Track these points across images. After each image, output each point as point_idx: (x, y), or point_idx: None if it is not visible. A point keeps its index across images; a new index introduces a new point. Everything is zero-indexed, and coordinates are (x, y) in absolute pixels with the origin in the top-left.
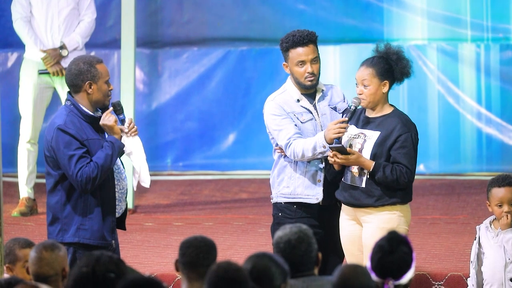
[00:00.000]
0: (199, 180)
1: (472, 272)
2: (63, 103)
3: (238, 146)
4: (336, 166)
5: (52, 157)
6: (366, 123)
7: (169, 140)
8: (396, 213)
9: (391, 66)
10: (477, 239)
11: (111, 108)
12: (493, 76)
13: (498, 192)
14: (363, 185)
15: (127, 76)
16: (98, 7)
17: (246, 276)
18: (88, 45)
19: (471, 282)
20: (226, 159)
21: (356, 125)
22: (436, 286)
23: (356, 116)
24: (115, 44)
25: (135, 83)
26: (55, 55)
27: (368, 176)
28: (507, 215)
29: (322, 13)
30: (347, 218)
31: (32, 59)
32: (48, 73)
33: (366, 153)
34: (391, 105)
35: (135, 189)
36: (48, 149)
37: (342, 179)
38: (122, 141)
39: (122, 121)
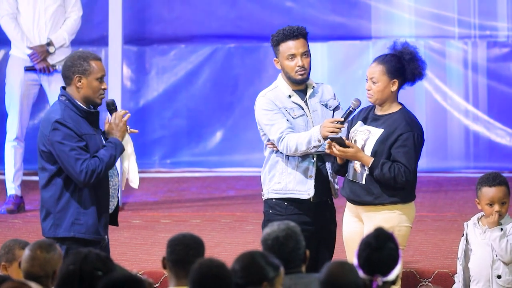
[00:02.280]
0: (186, 178)
1: (459, 268)
2: (50, 100)
3: (226, 144)
4: (338, 160)
5: (48, 152)
6: (373, 120)
7: (157, 137)
8: (396, 212)
9: (403, 66)
10: (464, 235)
11: (127, 115)
12: (481, 73)
13: (489, 192)
14: (363, 181)
15: (114, 73)
16: (86, 4)
17: (229, 272)
18: (75, 42)
19: (458, 278)
20: (214, 157)
21: (364, 122)
22: (423, 283)
23: (365, 113)
24: (102, 41)
25: (123, 80)
26: (42, 52)
27: (367, 173)
28: (496, 214)
29: (310, 11)
30: (350, 215)
31: (19, 56)
32: (34, 70)
33: (368, 150)
34: (400, 104)
35: (123, 188)
36: (45, 143)
37: (346, 175)
38: None
39: None
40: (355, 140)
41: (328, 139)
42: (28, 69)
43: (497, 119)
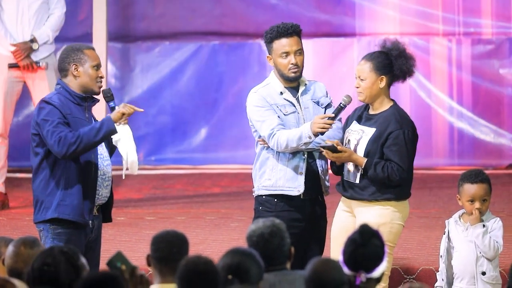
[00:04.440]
0: (171, 174)
1: (442, 266)
2: (33, 97)
3: (210, 141)
4: (337, 162)
5: (37, 134)
6: (366, 120)
7: (141, 134)
8: (389, 209)
9: (391, 62)
10: (446, 233)
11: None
12: (465, 70)
13: (470, 189)
14: (357, 181)
15: None
16: (70, 1)
17: (216, 268)
18: (60, 39)
19: (441, 276)
20: (199, 154)
21: (358, 122)
22: (407, 279)
23: (359, 112)
24: (87, 38)
25: (107, 78)
26: (25, 49)
27: (362, 172)
28: (476, 211)
29: (295, 7)
30: (343, 209)
31: (2, 53)
32: (18, 66)
33: (361, 149)
34: (391, 101)
35: (123, 177)
36: (34, 125)
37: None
38: None
39: (112, 109)
40: (349, 140)
41: (320, 148)
42: (11, 66)
43: (482, 116)
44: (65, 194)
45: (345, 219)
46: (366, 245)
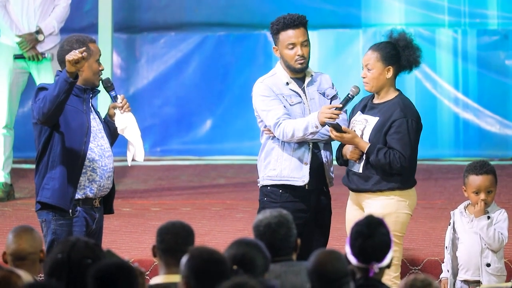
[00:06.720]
0: (176, 166)
1: (447, 257)
2: None
3: (216, 132)
4: (343, 155)
5: (35, 122)
6: (370, 109)
7: (147, 125)
8: (394, 198)
9: (398, 52)
10: (451, 224)
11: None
12: (470, 61)
13: (476, 180)
14: (360, 170)
15: (104, 61)
16: None
17: (223, 257)
18: (65, 30)
19: (446, 267)
20: (204, 145)
21: (362, 111)
22: (413, 271)
23: (365, 102)
24: (93, 29)
25: (113, 68)
26: (31, 40)
27: (364, 158)
28: (481, 202)
29: None
30: (351, 203)
31: (8, 43)
32: (23, 58)
33: (365, 139)
34: (397, 90)
35: (129, 164)
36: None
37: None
38: (116, 117)
39: (114, 98)
40: (354, 131)
41: (326, 125)
42: (17, 57)
43: (487, 107)
44: (49, 178)
45: (354, 212)
46: (373, 235)
